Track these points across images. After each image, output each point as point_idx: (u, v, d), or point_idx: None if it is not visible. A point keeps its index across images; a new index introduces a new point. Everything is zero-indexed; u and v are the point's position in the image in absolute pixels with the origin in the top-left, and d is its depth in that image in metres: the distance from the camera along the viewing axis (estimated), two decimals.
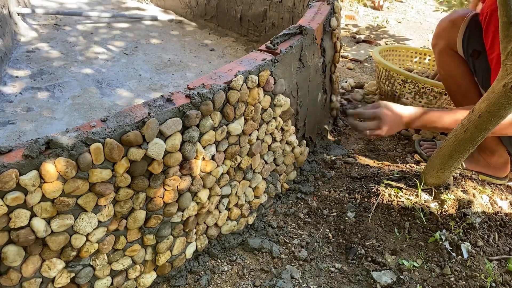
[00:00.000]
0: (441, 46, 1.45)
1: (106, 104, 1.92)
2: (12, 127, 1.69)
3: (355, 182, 1.41)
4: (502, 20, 0.89)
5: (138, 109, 0.86)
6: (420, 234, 1.14)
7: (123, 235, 0.90)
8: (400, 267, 1.07)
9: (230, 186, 1.12)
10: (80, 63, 2.32)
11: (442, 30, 1.43)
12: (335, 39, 1.55)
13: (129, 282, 0.97)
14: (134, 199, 0.88)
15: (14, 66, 2.21)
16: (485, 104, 0.99)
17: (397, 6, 4.19)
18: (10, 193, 0.70)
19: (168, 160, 0.88)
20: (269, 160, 1.25)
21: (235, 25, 2.80)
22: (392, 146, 1.69)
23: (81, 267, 0.85)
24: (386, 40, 3.15)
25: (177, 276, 1.06)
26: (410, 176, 1.29)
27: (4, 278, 0.75)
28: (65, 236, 0.79)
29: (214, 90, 0.94)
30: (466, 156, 1.12)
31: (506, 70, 0.93)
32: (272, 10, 2.45)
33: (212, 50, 2.64)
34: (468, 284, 1.01)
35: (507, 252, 1.11)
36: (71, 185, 0.76)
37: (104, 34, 2.78)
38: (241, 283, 1.06)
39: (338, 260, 1.14)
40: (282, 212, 1.30)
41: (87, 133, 0.77)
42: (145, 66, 2.35)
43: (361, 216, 1.22)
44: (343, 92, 2.17)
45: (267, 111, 1.15)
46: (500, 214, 1.20)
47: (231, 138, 1.05)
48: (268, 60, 1.11)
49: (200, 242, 1.11)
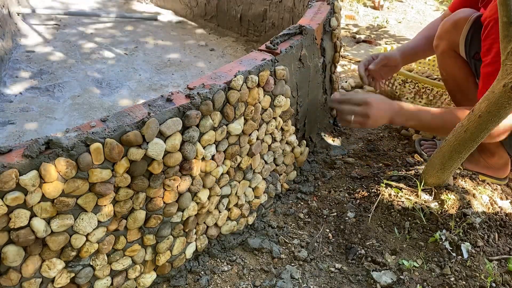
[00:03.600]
0: (443, 47, 1.45)
1: (106, 104, 1.92)
2: (12, 127, 1.69)
3: (355, 182, 1.41)
4: (502, 20, 0.89)
5: (138, 109, 0.86)
6: (420, 234, 1.14)
7: (123, 235, 0.90)
8: (400, 267, 1.07)
9: (230, 186, 1.12)
10: (80, 63, 2.32)
11: (445, 31, 1.42)
12: (335, 39, 1.55)
13: (129, 282, 0.97)
14: (134, 199, 0.88)
15: (14, 66, 2.21)
16: (485, 104, 0.99)
17: (397, 6, 4.19)
18: (10, 193, 0.70)
19: (168, 160, 0.88)
20: (269, 160, 1.25)
21: (235, 25, 2.80)
22: (392, 146, 1.69)
23: (81, 267, 0.85)
24: (386, 40, 3.14)
25: (177, 276, 1.06)
26: (410, 176, 1.29)
27: (4, 278, 0.75)
28: (65, 236, 0.79)
29: (214, 90, 0.94)
30: (466, 156, 1.12)
31: (506, 70, 0.92)
32: (272, 10, 2.45)
33: (212, 50, 2.64)
34: (468, 284, 1.01)
35: (507, 252, 1.11)
36: (71, 185, 0.75)
37: (104, 34, 2.78)
38: (241, 283, 1.06)
39: (338, 260, 1.14)
40: (282, 212, 1.30)
41: (87, 133, 0.77)
42: (145, 66, 2.35)
43: (361, 216, 1.22)
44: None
45: (267, 111, 1.15)
46: (500, 214, 1.20)
47: (231, 138, 1.05)
48: (268, 60, 1.11)
49: (200, 242, 1.11)
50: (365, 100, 1.23)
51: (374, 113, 1.22)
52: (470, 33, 1.32)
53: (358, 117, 1.23)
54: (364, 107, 1.23)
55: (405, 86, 1.79)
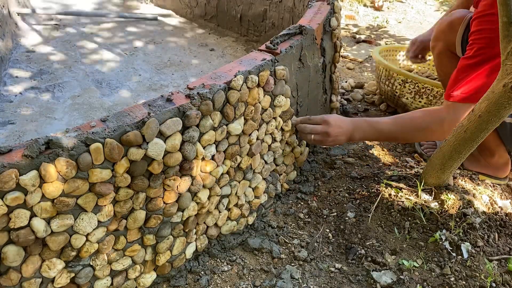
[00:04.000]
0: (440, 48, 1.46)
1: (106, 104, 1.92)
2: (12, 127, 1.69)
3: (355, 182, 1.41)
4: (502, 20, 0.89)
5: (138, 109, 0.86)
6: (420, 234, 1.14)
7: (123, 235, 0.90)
8: (400, 267, 1.07)
9: (230, 186, 1.12)
10: (80, 63, 2.33)
11: (441, 32, 1.44)
12: (335, 39, 1.55)
13: (129, 282, 0.97)
14: (134, 199, 0.88)
15: (14, 66, 2.21)
16: (485, 104, 0.99)
17: (397, 6, 4.19)
18: (10, 193, 0.70)
19: (168, 160, 0.88)
20: (269, 160, 1.25)
21: (235, 25, 2.80)
22: (392, 146, 1.69)
23: (81, 267, 0.85)
24: (386, 40, 3.14)
25: (177, 276, 1.06)
26: (410, 176, 1.29)
27: (4, 278, 0.75)
28: (65, 236, 0.79)
29: (214, 90, 0.94)
30: (466, 156, 1.12)
31: (506, 70, 0.92)
32: (272, 10, 2.46)
33: (212, 50, 2.64)
34: (468, 284, 1.01)
35: (507, 252, 1.11)
36: (71, 185, 0.75)
37: (104, 34, 2.78)
38: (241, 283, 1.06)
39: (338, 260, 1.14)
40: (282, 212, 1.30)
41: (87, 133, 0.77)
42: (145, 66, 2.35)
43: (361, 216, 1.22)
44: (343, 92, 2.17)
45: (267, 111, 1.15)
46: (500, 214, 1.20)
47: (231, 138, 1.05)
48: (268, 60, 1.11)
49: (200, 242, 1.11)
50: (324, 119, 1.28)
51: (333, 131, 1.26)
52: (465, 33, 1.32)
53: (318, 136, 1.28)
54: (324, 126, 1.27)
55: (405, 86, 1.79)
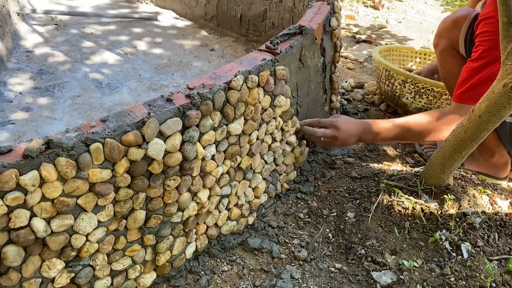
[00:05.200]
0: (443, 46, 1.46)
1: (106, 104, 1.92)
2: (12, 127, 1.69)
3: (355, 182, 1.41)
4: (502, 20, 0.89)
5: (138, 109, 0.86)
6: (420, 234, 1.14)
7: (123, 235, 0.90)
8: (400, 267, 1.07)
9: (230, 186, 1.12)
10: (80, 63, 2.32)
11: (444, 30, 1.43)
12: (335, 39, 1.55)
13: (129, 282, 0.97)
14: (134, 199, 0.88)
15: (14, 66, 2.21)
16: (485, 104, 0.99)
17: (397, 6, 4.19)
18: (10, 193, 0.70)
19: (168, 160, 0.88)
20: (269, 160, 1.25)
21: (235, 25, 2.80)
22: (392, 146, 1.69)
23: (81, 267, 0.85)
24: (387, 40, 3.14)
25: (177, 276, 1.06)
26: (410, 176, 1.29)
27: (4, 278, 0.75)
28: (65, 236, 0.79)
29: (214, 90, 0.94)
30: (466, 156, 1.12)
31: (506, 70, 0.93)
32: (272, 10, 2.45)
33: (212, 50, 2.64)
34: (468, 284, 1.01)
35: (507, 252, 1.11)
36: (71, 185, 0.75)
37: (104, 34, 2.78)
38: (241, 283, 1.06)
39: (338, 260, 1.14)
40: (282, 212, 1.30)
41: (87, 133, 0.77)
42: (145, 66, 2.35)
43: (361, 216, 1.22)
44: (343, 92, 2.17)
45: (267, 111, 1.15)
46: (500, 214, 1.20)
47: (231, 138, 1.05)
48: (268, 60, 1.11)
49: (200, 242, 1.11)
50: (333, 124, 1.30)
51: (342, 135, 1.29)
52: (469, 31, 1.33)
53: (327, 139, 1.30)
54: (332, 130, 1.30)
55: (405, 86, 1.79)
